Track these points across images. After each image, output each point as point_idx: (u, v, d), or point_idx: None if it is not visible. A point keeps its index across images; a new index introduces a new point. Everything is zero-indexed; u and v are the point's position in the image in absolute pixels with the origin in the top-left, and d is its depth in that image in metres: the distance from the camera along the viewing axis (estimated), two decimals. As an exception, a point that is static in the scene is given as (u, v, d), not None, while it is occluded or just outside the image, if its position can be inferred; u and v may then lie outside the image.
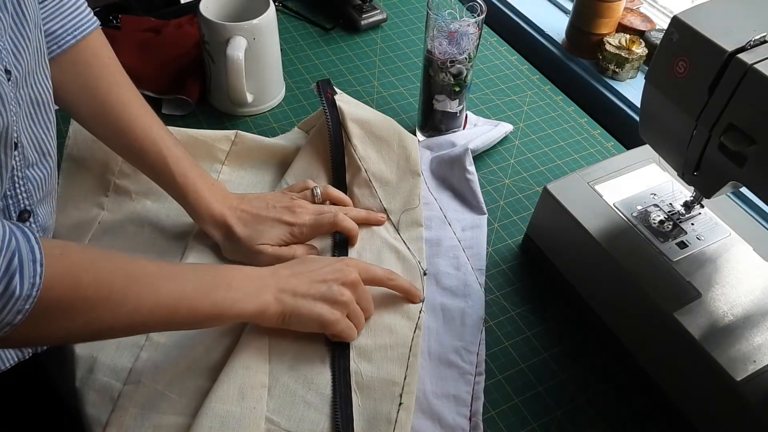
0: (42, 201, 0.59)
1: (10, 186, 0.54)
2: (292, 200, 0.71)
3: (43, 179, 0.58)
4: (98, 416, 0.57)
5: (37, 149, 0.57)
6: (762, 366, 0.57)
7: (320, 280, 0.60)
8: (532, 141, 0.90)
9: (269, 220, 0.69)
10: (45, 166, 0.58)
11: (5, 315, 0.43)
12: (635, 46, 0.96)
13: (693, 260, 0.65)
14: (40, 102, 0.57)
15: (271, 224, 0.69)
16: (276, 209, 0.70)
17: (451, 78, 0.80)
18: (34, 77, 0.55)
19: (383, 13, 1.06)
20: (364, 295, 0.63)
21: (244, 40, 0.81)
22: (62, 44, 0.63)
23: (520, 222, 0.80)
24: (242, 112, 0.90)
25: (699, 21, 0.54)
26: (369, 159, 0.76)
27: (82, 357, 0.61)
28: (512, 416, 0.62)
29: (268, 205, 0.70)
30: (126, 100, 0.67)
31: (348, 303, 0.61)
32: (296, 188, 0.74)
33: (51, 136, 0.59)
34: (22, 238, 0.44)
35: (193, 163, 0.69)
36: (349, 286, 0.61)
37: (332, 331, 0.60)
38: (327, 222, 0.69)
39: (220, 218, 0.68)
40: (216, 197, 0.69)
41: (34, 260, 0.44)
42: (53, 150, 0.60)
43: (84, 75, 0.65)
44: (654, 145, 0.66)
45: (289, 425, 0.57)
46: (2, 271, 0.42)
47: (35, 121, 0.56)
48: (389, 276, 0.65)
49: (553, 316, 0.71)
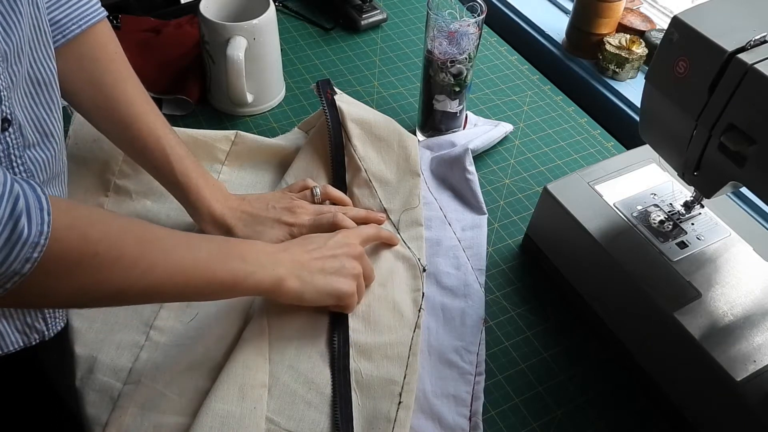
0: (48, 183, 0.58)
1: (8, 165, 0.53)
2: (291, 201, 0.71)
3: (46, 161, 0.57)
4: (98, 416, 0.57)
5: (39, 130, 0.56)
6: (762, 366, 0.57)
7: (331, 255, 0.62)
8: (532, 141, 0.90)
9: (269, 220, 0.69)
10: (48, 148, 0.58)
11: (13, 261, 0.42)
12: (635, 46, 0.96)
13: (693, 260, 0.65)
14: (41, 82, 0.56)
15: (271, 225, 0.69)
16: (276, 210, 0.70)
17: (451, 78, 0.80)
18: (33, 55, 0.55)
19: (383, 13, 1.06)
20: (368, 265, 0.66)
21: (244, 40, 0.81)
22: (67, 34, 0.63)
23: (520, 222, 0.80)
24: (242, 112, 0.90)
25: (699, 21, 0.54)
26: (369, 159, 0.76)
27: (82, 357, 0.61)
28: (512, 416, 0.63)
29: (268, 206, 0.70)
30: (132, 95, 0.67)
31: (359, 275, 0.63)
32: (296, 188, 0.74)
33: (54, 117, 0.58)
34: (28, 187, 0.43)
35: (195, 162, 0.69)
36: (357, 258, 0.64)
37: (346, 303, 0.63)
38: (326, 222, 0.70)
39: (220, 218, 0.68)
40: (216, 197, 0.69)
41: (41, 208, 0.43)
42: (57, 132, 0.59)
43: (89, 68, 0.65)
44: (654, 145, 0.66)
45: (289, 425, 0.57)
46: (7, 214, 0.41)
47: (36, 100, 0.56)
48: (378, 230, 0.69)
49: (553, 316, 0.71)
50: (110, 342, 0.62)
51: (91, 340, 0.62)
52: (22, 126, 0.54)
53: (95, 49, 0.66)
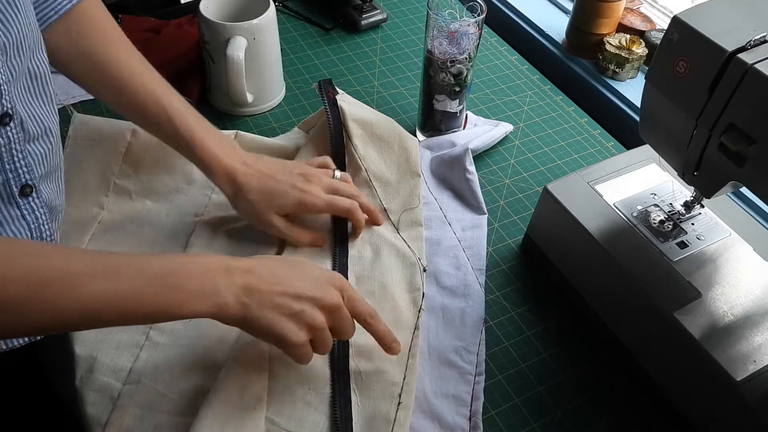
0: (45, 178, 0.59)
1: (9, 159, 0.54)
2: (309, 169, 0.70)
3: (43, 154, 0.58)
4: (98, 416, 0.57)
5: (39, 124, 0.57)
6: (762, 366, 0.57)
7: (295, 295, 0.54)
8: (532, 141, 0.90)
9: (284, 184, 0.67)
10: (47, 142, 0.58)
11: None
12: (635, 46, 0.96)
13: (693, 260, 0.65)
14: (37, 75, 0.56)
15: (285, 190, 0.67)
16: (292, 175, 0.68)
17: (451, 78, 0.80)
18: (32, 51, 0.55)
19: (383, 13, 1.06)
20: (342, 323, 0.56)
21: (244, 40, 0.81)
22: (59, 9, 0.63)
23: (520, 222, 0.80)
24: (242, 112, 0.90)
25: (699, 21, 0.54)
26: (369, 159, 0.76)
27: (82, 357, 0.61)
28: (512, 416, 0.62)
29: (285, 169, 0.68)
30: (123, 58, 0.66)
31: (318, 329, 0.54)
32: (315, 163, 0.73)
33: (50, 110, 0.59)
34: None
35: (198, 117, 0.68)
36: (327, 312, 0.55)
37: (289, 353, 0.55)
38: (343, 207, 0.68)
39: (232, 174, 0.66)
40: (226, 152, 0.67)
41: None
42: (54, 126, 0.59)
43: (81, 42, 0.65)
44: (654, 145, 0.66)
45: (289, 425, 0.57)
46: None
47: (34, 95, 0.56)
48: (371, 315, 0.58)
49: (553, 316, 0.71)
50: (110, 342, 0.62)
51: (91, 340, 0.62)
52: (24, 120, 0.54)
53: (86, 23, 0.65)
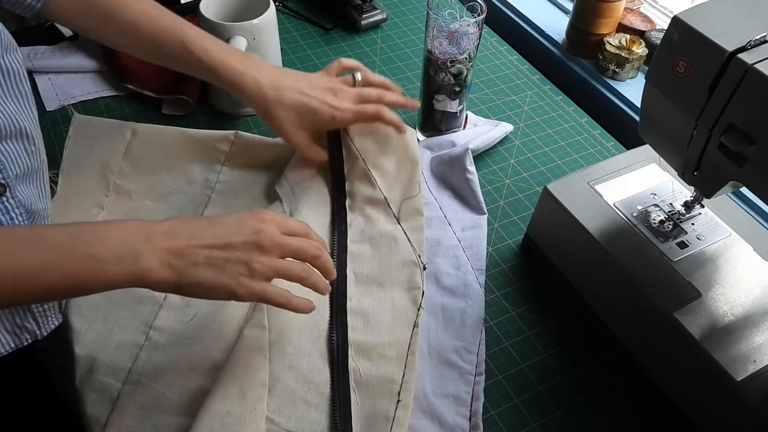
0: (23, 179, 0.57)
1: None
2: (332, 81, 0.69)
3: (17, 154, 0.56)
4: (98, 416, 0.57)
5: (12, 123, 0.55)
6: (762, 366, 0.57)
7: (223, 245, 0.51)
8: (532, 141, 0.90)
9: (315, 100, 0.67)
10: (22, 141, 0.57)
11: None
12: (635, 46, 0.96)
13: (693, 260, 0.65)
14: (10, 73, 0.56)
15: (316, 107, 0.67)
16: (319, 89, 0.68)
17: (451, 78, 0.80)
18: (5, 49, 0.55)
19: (383, 13, 1.06)
20: (292, 249, 0.54)
21: (244, 40, 0.81)
22: None
23: (520, 222, 0.80)
24: (242, 112, 0.90)
25: (699, 21, 0.54)
26: (367, 149, 0.75)
27: (81, 357, 0.61)
28: (512, 416, 0.62)
29: (310, 84, 0.68)
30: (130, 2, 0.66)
31: (265, 272, 0.52)
32: (332, 70, 0.72)
33: (25, 109, 0.57)
34: None
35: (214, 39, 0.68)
36: (268, 247, 0.52)
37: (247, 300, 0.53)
38: (371, 113, 0.69)
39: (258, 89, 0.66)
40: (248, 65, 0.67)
41: None
42: (31, 127, 0.58)
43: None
44: (654, 145, 0.66)
45: (289, 425, 0.57)
46: None
47: (6, 92, 0.55)
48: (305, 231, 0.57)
49: (553, 316, 0.71)
50: (110, 342, 0.62)
51: (91, 341, 0.62)
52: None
53: None
